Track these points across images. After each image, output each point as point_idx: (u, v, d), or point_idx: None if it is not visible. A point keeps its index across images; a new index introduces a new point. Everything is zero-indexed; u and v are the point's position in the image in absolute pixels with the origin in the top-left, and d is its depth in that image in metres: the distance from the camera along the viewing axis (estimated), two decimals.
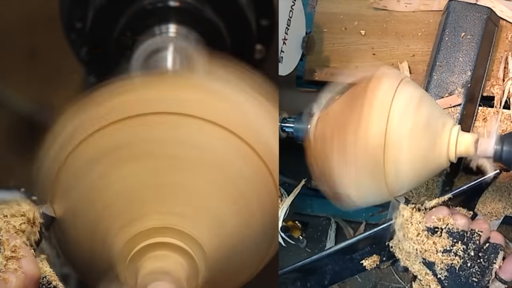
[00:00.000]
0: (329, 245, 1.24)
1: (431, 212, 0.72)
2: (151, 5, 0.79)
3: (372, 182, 0.72)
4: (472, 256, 0.69)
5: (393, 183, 0.73)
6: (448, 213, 0.70)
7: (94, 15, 0.80)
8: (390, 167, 0.71)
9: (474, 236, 0.69)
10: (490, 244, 0.70)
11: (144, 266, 0.61)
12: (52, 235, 0.66)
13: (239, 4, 0.81)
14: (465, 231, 0.69)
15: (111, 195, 0.62)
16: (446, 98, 0.99)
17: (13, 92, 0.94)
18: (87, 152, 0.62)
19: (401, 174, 0.72)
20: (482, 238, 0.70)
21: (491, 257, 0.69)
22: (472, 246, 0.69)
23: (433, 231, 0.70)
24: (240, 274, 0.70)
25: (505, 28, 1.06)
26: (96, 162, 0.62)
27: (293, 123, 0.92)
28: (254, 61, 0.85)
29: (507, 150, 0.71)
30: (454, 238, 0.69)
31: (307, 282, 0.87)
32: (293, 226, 1.20)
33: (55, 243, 0.66)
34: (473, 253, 0.69)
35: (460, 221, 0.70)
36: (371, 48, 1.15)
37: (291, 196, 1.06)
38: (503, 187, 0.92)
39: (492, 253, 0.69)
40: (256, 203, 0.66)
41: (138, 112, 0.62)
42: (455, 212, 0.72)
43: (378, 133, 0.70)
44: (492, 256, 0.69)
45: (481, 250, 0.69)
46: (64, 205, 0.64)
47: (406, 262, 0.74)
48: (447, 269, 0.69)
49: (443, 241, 0.69)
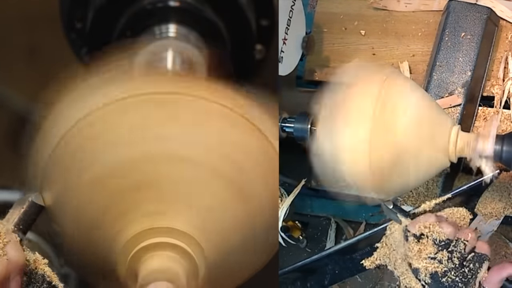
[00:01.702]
0: (329, 245, 1.24)
1: (418, 219, 0.72)
2: (151, 5, 0.79)
3: (372, 182, 0.72)
4: (456, 264, 0.68)
5: (393, 183, 0.73)
6: (435, 221, 0.70)
7: (94, 15, 0.80)
8: (390, 167, 0.71)
9: (459, 245, 0.69)
10: (476, 254, 0.70)
11: (144, 266, 0.61)
12: (49, 232, 0.66)
13: (239, 4, 0.81)
14: (450, 240, 0.69)
15: (111, 195, 0.62)
16: (446, 98, 0.99)
17: (13, 92, 0.94)
18: (87, 147, 0.62)
19: (401, 174, 0.72)
20: (468, 248, 0.69)
21: (475, 267, 0.69)
22: (457, 255, 0.69)
23: (418, 238, 0.70)
24: (239, 274, 0.70)
25: (505, 28, 1.06)
26: (98, 159, 0.62)
27: (293, 123, 0.92)
28: (254, 61, 0.85)
29: (507, 150, 0.71)
30: (439, 246, 0.69)
31: (307, 282, 0.87)
32: (293, 226, 1.20)
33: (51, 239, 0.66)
34: (458, 262, 0.68)
35: (447, 229, 0.70)
36: (371, 48, 1.15)
37: (291, 196, 1.06)
38: (503, 187, 0.92)
39: (477, 263, 0.69)
40: (256, 203, 0.66)
41: (135, 101, 0.62)
42: (442, 220, 0.72)
43: (378, 133, 0.70)
44: (476, 266, 0.69)
45: (466, 259, 0.69)
46: (63, 204, 0.64)
47: (392, 265, 0.75)
48: (430, 276, 0.69)
49: (428, 248, 0.69)
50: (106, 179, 0.62)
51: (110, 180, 0.62)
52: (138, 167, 0.62)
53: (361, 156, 0.70)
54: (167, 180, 0.62)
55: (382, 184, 0.72)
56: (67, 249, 0.67)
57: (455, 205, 0.77)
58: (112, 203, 0.62)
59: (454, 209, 0.77)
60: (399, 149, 0.71)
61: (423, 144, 0.71)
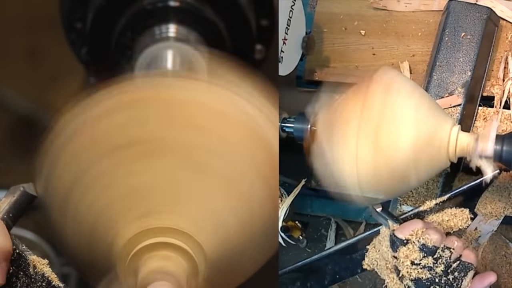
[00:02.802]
0: (329, 245, 1.24)
1: (405, 224, 0.72)
2: (151, 5, 0.79)
3: (372, 181, 0.72)
4: (441, 272, 0.68)
5: (393, 184, 0.73)
6: (422, 227, 0.70)
7: (94, 15, 0.80)
8: (390, 167, 0.71)
9: (445, 252, 0.69)
10: (461, 262, 0.69)
11: (144, 266, 0.61)
12: (49, 232, 0.66)
13: (239, 4, 0.81)
14: (436, 247, 0.69)
15: (112, 194, 0.62)
16: (446, 98, 0.99)
17: (13, 92, 0.94)
18: (89, 148, 0.62)
19: (401, 174, 0.72)
20: (454, 256, 0.69)
21: (460, 275, 0.69)
22: (443, 262, 0.69)
23: (405, 243, 0.70)
24: (240, 274, 0.70)
25: (505, 28, 1.06)
26: (99, 160, 0.62)
27: (293, 123, 0.92)
28: (254, 61, 0.85)
29: (507, 150, 0.71)
30: (425, 252, 0.69)
31: (307, 282, 0.87)
32: (293, 226, 1.20)
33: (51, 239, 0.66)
34: (442, 269, 0.68)
35: (433, 236, 0.70)
36: (371, 48, 1.15)
37: (291, 196, 1.06)
38: (503, 187, 0.92)
39: (462, 271, 0.69)
40: (257, 203, 0.66)
41: (143, 111, 0.62)
42: (430, 227, 0.71)
43: (377, 133, 0.70)
44: (462, 274, 0.69)
45: (451, 267, 0.69)
46: (65, 202, 0.64)
47: (379, 269, 0.75)
48: (414, 281, 0.69)
49: (414, 253, 0.69)
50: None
51: (111, 182, 0.62)
52: (138, 167, 0.62)
53: (359, 159, 0.70)
54: (167, 180, 0.62)
55: (381, 185, 0.73)
56: (67, 249, 0.67)
57: (455, 205, 0.77)
58: (112, 203, 0.62)
59: (454, 209, 0.77)
60: (399, 149, 0.71)
61: (423, 144, 0.71)
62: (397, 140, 0.70)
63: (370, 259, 0.77)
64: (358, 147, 0.70)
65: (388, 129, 0.70)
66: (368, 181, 0.71)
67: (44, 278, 0.61)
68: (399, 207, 1.00)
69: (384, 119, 0.70)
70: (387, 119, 0.70)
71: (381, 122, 0.70)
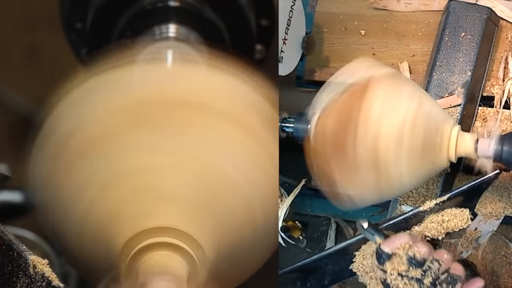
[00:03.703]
0: (329, 245, 1.23)
1: (392, 238, 0.71)
2: (151, 5, 0.79)
3: (372, 182, 0.72)
4: (429, 283, 0.68)
5: (393, 183, 0.73)
6: (409, 240, 0.70)
7: (94, 15, 0.80)
8: (390, 167, 0.71)
9: (433, 264, 0.69)
10: (449, 274, 0.69)
11: (144, 266, 0.61)
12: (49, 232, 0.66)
13: (239, 4, 0.81)
14: (425, 259, 0.69)
15: (112, 194, 0.62)
16: (446, 98, 0.99)
17: (13, 92, 0.94)
18: (89, 148, 0.62)
19: (401, 174, 0.72)
20: (442, 268, 0.69)
21: (448, 287, 0.69)
22: (430, 274, 0.68)
23: (391, 257, 0.70)
24: (239, 274, 0.70)
25: (505, 28, 1.06)
26: (99, 159, 0.62)
27: (293, 123, 0.92)
28: (254, 61, 0.85)
29: (507, 150, 0.71)
30: (414, 264, 0.68)
31: (307, 282, 0.87)
32: (293, 226, 1.20)
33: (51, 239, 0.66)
34: (431, 281, 0.68)
35: (422, 249, 0.69)
36: (371, 48, 1.15)
37: (291, 196, 1.06)
38: (503, 187, 0.92)
39: (450, 283, 0.69)
40: (257, 203, 0.66)
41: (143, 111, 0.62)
42: (417, 240, 0.71)
43: (377, 133, 0.70)
44: (450, 286, 0.69)
45: (439, 278, 0.69)
46: (64, 203, 0.64)
47: (365, 278, 0.74)
48: None
49: (402, 266, 0.69)
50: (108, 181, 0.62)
51: (111, 182, 0.62)
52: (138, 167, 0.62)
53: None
54: (167, 179, 0.62)
55: (380, 185, 0.73)
56: (67, 249, 0.67)
57: (455, 205, 0.77)
58: (112, 203, 0.62)
59: (454, 209, 0.77)
60: (399, 149, 0.71)
61: (423, 144, 0.71)
62: (397, 141, 0.70)
63: (356, 264, 0.77)
64: (357, 149, 0.70)
65: (387, 130, 0.70)
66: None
67: (44, 278, 0.61)
68: (399, 207, 1.00)
69: (384, 121, 0.70)
70: (387, 120, 0.70)
71: (380, 123, 0.70)
